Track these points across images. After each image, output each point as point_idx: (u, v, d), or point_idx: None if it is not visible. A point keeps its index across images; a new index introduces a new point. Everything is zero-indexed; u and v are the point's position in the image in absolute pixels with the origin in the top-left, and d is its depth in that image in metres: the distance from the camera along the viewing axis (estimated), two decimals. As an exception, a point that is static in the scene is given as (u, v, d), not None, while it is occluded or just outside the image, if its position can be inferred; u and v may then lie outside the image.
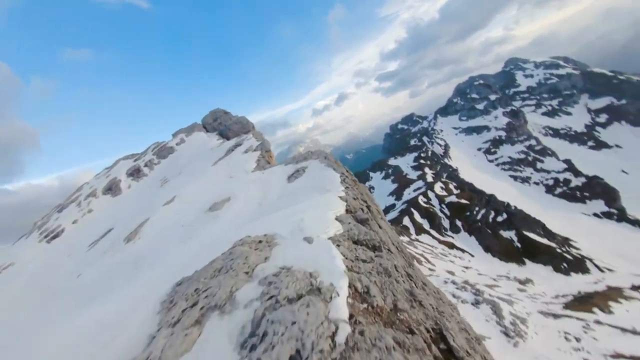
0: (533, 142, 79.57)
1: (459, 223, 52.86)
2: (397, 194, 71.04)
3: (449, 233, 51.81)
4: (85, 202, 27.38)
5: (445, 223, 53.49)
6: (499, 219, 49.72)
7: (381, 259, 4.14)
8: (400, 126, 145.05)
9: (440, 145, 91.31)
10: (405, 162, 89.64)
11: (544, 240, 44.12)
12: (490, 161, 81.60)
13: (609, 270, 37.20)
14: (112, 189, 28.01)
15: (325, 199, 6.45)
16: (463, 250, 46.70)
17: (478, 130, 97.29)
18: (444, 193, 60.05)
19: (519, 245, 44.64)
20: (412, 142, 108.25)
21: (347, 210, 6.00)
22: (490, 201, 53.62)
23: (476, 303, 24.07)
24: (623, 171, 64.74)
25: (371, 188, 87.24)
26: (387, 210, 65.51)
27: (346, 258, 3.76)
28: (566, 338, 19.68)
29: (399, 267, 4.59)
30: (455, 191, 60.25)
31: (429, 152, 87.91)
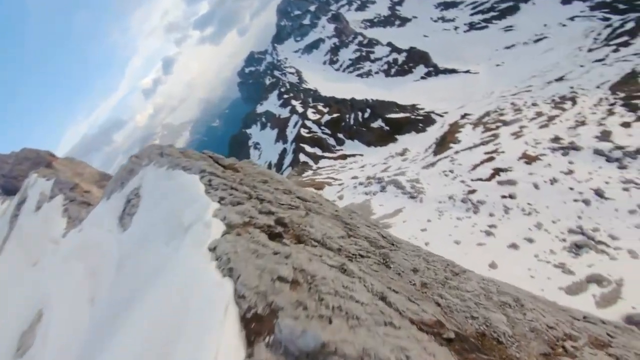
0: (360, 38, 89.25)
1: (340, 135, 58.05)
2: (282, 137, 70.95)
3: (337, 147, 56.77)
4: None
5: (331, 141, 57.84)
6: (366, 115, 56.84)
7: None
8: (246, 70, 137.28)
9: (293, 74, 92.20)
10: (272, 104, 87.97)
11: (401, 115, 53.75)
12: (337, 70, 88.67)
13: (445, 113, 49.24)
14: None
15: (186, 275, 2.71)
16: (354, 155, 52.65)
17: (315, 45, 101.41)
18: (318, 116, 63.25)
19: (387, 128, 53.16)
20: (267, 82, 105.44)
21: (246, 324, 2.01)
22: (353, 104, 59.86)
23: (383, 189, 27.93)
24: (425, 35, 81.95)
25: (257, 145, 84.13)
26: (281, 157, 65.50)
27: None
28: (445, 175, 25.49)
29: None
30: (325, 110, 64.18)
31: (287, 85, 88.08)
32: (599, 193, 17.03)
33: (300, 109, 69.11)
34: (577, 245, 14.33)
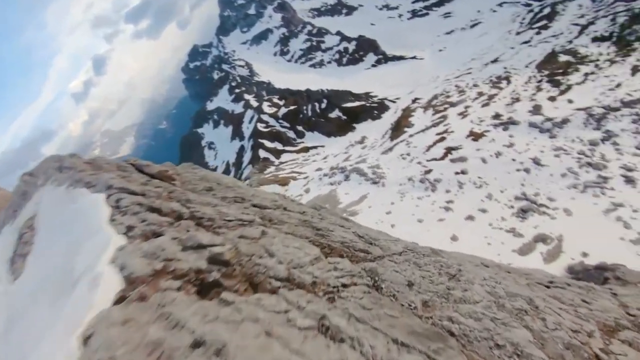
0: (309, 27, 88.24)
1: (300, 127, 57.34)
2: (238, 134, 68.06)
3: (298, 140, 56.08)
4: None
5: (291, 134, 56.91)
6: (323, 105, 56.76)
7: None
8: (191, 65, 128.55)
9: (243, 67, 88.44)
10: (223, 100, 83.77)
11: (356, 103, 54.62)
12: (289, 60, 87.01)
13: (397, 99, 51.11)
14: None
15: None
16: (315, 147, 52.48)
17: (263, 36, 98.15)
18: (274, 109, 61.62)
19: (345, 117, 53.72)
20: (216, 76, 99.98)
21: None
22: (309, 95, 59.34)
23: (347, 178, 28.21)
24: (372, 24, 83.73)
25: (211, 144, 79.79)
26: (240, 155, 62.94)
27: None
28: (403, 158, 26.47)
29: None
30: (280, 103, 62.73)
31: (238, 78, 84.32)
32: (536, 161, 18.93)
33: (254, 103, 66.72)
34: (523, 210, 15.78)
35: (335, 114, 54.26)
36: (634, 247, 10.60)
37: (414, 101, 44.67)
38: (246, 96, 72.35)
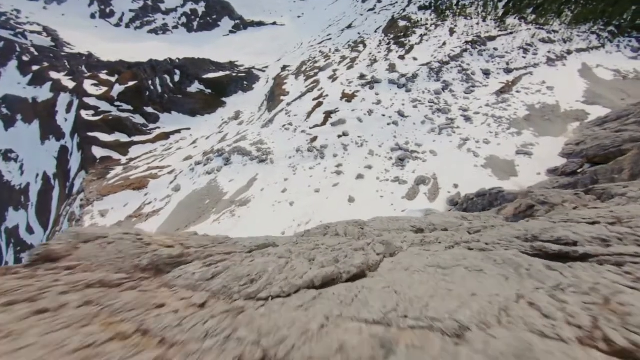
0: (135, -19, 72.20)
1: (149, 109, 47.69)
2: (52, 131, 50.51)
3: (151, 126, 46.78)
4: None
5: (137, 119, 46.65)
6: (176, 78, 48.85)
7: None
8: None
9: (40, 33, 64.93)
10: (12, 83, 59.74)
11: (220, 74, 49.78)
12: (117, 25, 69.84)
13: (266, 67, 49.58)
14: None
15: None
16: (178, 131, 45.23)
17: (66, -11, 74.16)
18: (104, 88, 48.51)
19: (209, 91, 48.23)
20: (-10, 48, 69.69)
21: None
22: (154, 67, 49.62)
23: (227, 162, 25.37)
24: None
25: (8, 153, 56.44)
26: (63, 161, 47.17)
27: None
28: (286, 129, 25.75)
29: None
30: (112, 79, 49.91)
31: (32, 50, 61.45)
32: (401, 114, 21.83)
33: (69, 84, 50.61)
34: (400, 158, 17.93)
35: (195, 87, 47.84)
36: (485, 171, 13.63)
37: (283, 69, 44.33)
38: (53, 74, 53.85)
